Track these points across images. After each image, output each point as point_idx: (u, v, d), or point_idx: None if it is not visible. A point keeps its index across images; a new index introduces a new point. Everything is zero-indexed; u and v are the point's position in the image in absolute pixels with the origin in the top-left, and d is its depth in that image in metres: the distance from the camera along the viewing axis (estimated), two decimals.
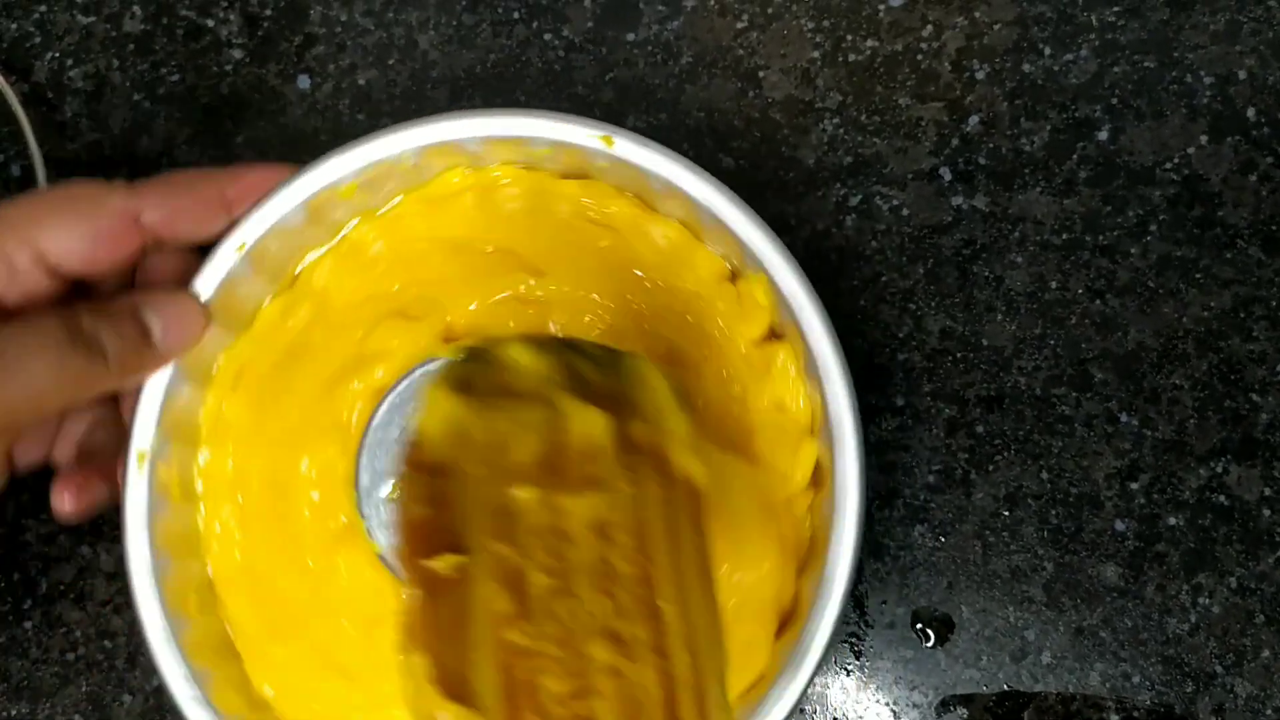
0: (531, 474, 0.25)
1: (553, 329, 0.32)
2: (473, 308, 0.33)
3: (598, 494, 0.25)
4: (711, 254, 0.32)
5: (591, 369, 0.27)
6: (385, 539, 0.33)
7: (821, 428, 0.31)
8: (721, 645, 0.24)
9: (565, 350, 0.28)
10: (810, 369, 0.31)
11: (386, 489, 0.33)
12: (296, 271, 0.33)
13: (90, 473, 0.32)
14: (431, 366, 0.33)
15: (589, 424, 0.26)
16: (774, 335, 0.32)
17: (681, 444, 0.27)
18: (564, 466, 0.25)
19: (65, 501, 0.31)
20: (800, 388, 0.32)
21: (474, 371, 0.27)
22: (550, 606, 0.23)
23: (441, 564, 0.23)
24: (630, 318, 0.33)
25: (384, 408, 0.33)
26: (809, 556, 0.31)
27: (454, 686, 0.22)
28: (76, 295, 0.30)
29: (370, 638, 0.32)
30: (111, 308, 0.29)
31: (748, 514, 0.31)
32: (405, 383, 0.33)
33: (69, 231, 0.29)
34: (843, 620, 0.30)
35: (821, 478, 0.31)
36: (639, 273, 0.33)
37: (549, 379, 0.27)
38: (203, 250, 0.31)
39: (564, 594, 0.23)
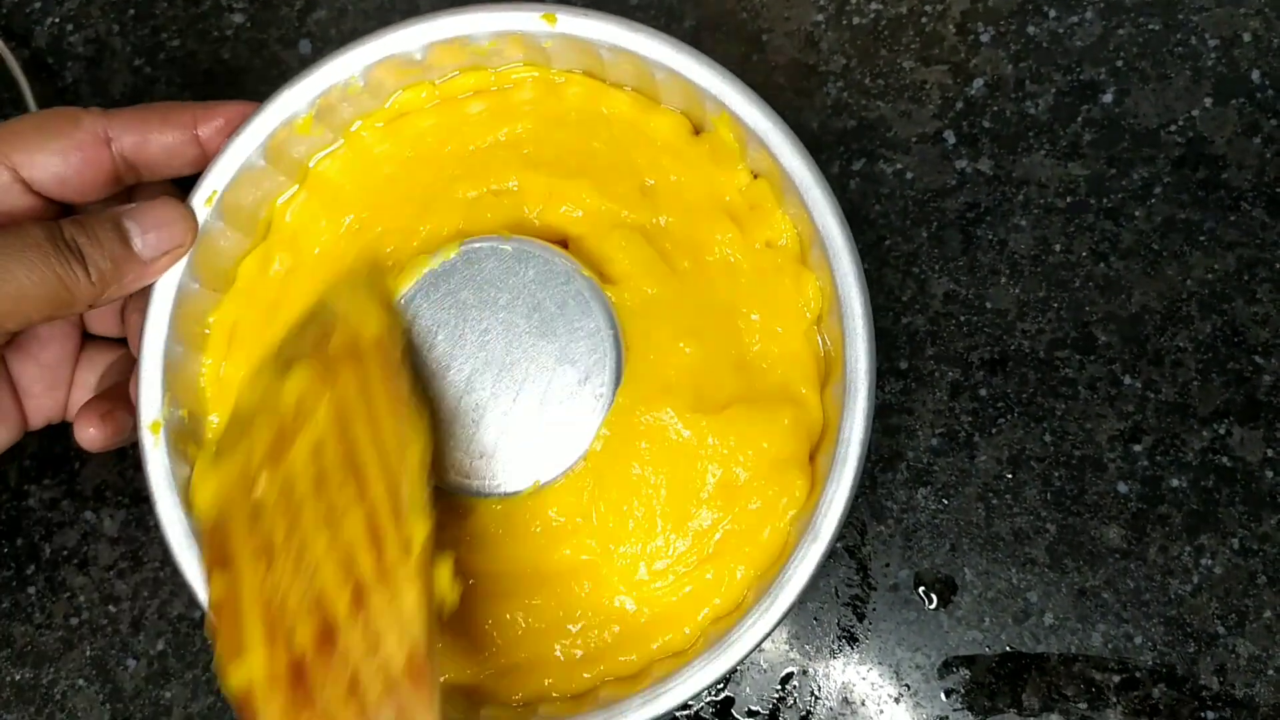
0: (264, 464, 0.28)
1: (528, 214, 0.33)
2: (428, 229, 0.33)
3: (306, 425, 0.28)
4: (671, 111, 0.33)
5: (297, 343, 0.31)
6: None
7: (811, 252, 0.31)
8: (416, 446, 0.27)
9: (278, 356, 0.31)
10: (790, 195, 0.31)
11: None
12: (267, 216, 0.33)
13: (115, 400, 0.32)
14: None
15: (290, 383, 0.29)
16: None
17: (364, 318, 0.29)
18: (285, 433, 0.28)
19: (89, 430, 0.31)
20: (785, 222, 0.32)
21: (219, 443, 0.30)
22: (287, 549, 0.27)
23: (215, 584, 0.28)
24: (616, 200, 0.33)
25: None
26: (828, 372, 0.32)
27: (236, 649, 0.27)
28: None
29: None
30: (93, 217, 0.29)
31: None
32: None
33: (42, 149, 0.30)
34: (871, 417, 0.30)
35: (825, 304, 0.32)
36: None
37: (268, 389, 0.30)
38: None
39: (294, 531, 0.27)
